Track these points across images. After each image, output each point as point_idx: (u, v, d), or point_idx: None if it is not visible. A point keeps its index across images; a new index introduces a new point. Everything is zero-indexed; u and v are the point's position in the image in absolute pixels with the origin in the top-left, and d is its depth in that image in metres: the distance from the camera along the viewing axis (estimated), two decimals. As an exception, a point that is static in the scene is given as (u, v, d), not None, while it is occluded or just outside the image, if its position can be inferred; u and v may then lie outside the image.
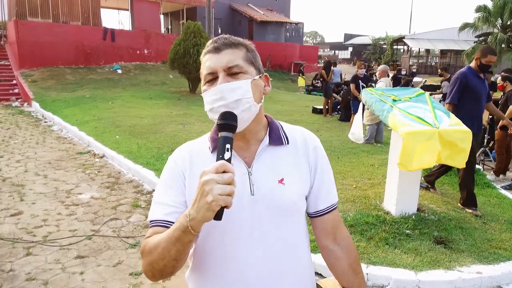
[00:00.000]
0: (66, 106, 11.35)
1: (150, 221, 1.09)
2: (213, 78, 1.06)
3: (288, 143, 1.15)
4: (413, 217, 3.87)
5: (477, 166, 5.71)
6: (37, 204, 4.60)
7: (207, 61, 1.07)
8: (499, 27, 21.18)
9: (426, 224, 3.76)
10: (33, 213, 4.32)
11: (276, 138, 1.14)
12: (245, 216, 1.06)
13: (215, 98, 1.03)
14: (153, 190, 5.10)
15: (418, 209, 4.05)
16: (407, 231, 3.62)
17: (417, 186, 4.04)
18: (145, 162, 5.85)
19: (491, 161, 6.80)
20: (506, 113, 5.95)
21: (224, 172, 0.86)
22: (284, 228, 1.11)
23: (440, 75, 11.13)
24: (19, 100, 13.54)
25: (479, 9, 20.93)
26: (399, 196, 3.90)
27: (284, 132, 1.17)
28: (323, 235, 1.21)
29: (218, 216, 0.88)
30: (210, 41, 1.11)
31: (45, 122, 10.35)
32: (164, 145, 6.83)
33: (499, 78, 6.79)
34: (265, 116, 1.19)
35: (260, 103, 1.11)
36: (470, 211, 4.16)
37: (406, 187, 3.90)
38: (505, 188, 5.36)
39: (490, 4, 20.91)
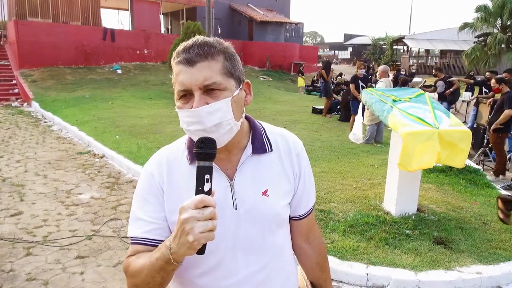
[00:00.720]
0: (66, 106, 11.35)
1: (130, 237, 1.05)
2: (187, 94, 0.96)
3: (271, 150, 1.10)
4: (413, 217, 3.88)
5: (476, 166, 5.72)
6: (37, 204, 4.60)
7: (180, 75, 0.96)
8: (499, 27, 21.18)
9: (426, 225, 3.77)
10: (33, 213, 4.32)
11: (259, 146, 1.08)
12: (228, 231, 1.02)
13: (191, 121, 0.95)
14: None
15: (418, 210, 4.05)
16: (407, 232, 3.63)
17: (417, 186, 4.05)
18: (145, 162, 5.83)
19: (491, 161, 6.80)
20: (501, 117, 6.00)
21: (204, 207, 0.82)
22: (269, 238, 1.08)
23: (435, 75, 11.21)
24: (19, 100, 13.54)
25: (478, 9, 20.93)
26: (399, 196, 3.90)
27: (267, 138, 1.11)
28: (298, 236, 1.22)
29: (201, 251, 0.86)
30: (181, 47, 0.98)
31: (45, 122, 10.35)
32: (164, 145, 6.72)
33: (493, 80, 6.82)
34: (246, 118, 1.11)
35: (241, 118, 1.03)
36: None
37: (406, 187, 3.91)
38: (504, 188, 5.37)
39: (489, 4, 20.91)
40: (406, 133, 3.44)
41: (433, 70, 11.79)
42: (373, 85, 8.58)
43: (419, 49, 36.46)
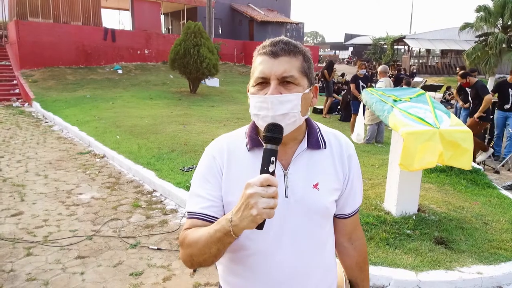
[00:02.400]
0: (67, 106, 11.36)
1: (188, 212, 1.13)
2: (264, 82, 1.05)
3: (325, 147, 1.17)
4: (414, 217, 3.87)
5: (477, 166, 5.72)
6: (37, 204, 4.60)
7: (262, 64, 1.06)
8: (500, 27, 21.14)
9: (427, 225, 3.76)
10: (34, 213, 4.33)
11: (314, 142, 1.15)
12: (278, 218, 1.06)
13: (263, 106, 1.04)
14: (154, 191, 5.11)
15: (418, 210, 4.05)
16: (408, 232, 3.62)
17: (418, 186, 4.04)
18: (146, 162, 5.85)
19: (492, 161, 6.79)
20: (482, 104, 6.49)
21: (268, 185, 0.88)
22: (314, 229, 1.14)
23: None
24: (20, 100, 13.55)
25: (479, 9, 20.87)
26: (399, 196, 3.89)
27: (321, 136, 1.18)
28: (342, 234, 1.28)
29: (261, 226, 0.92)
30: (268, 41, 1.09)
31: (46, 122, 10.36)
32: (165, 145, 6.83)
33: (459, 78, 7.29)
34: None
35: (306, 115, 1.11)
36: None
37: (406, 187, 3.90)
38: (505, 188, 5.36)
39: (490, 4, 20.86)
40: (407, 133, 3.43)
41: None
42: (373, 84, 8.57)
43: (420, 48, 36.42)
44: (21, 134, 8.64)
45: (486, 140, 6.92)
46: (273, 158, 0.94)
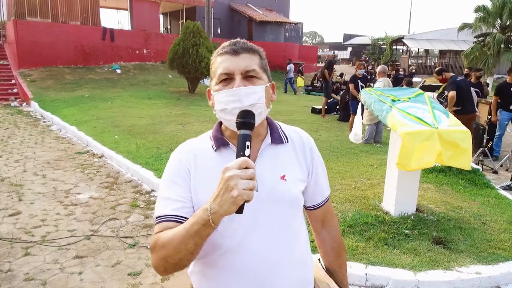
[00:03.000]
0: (65, 106, 11.34)
1: (158, 217, 1.11)
2: (228, 78, 1.10)
3: (287, 141, 1.22)
4: (412, 217, 3.87)
5: (476, 166, 5.72)
6: (35, 204, 4.59)
7: (224, 62, 1.11)
8: (498, 28, 21.18)
9: (425, 225, 3.76)
10: (32, 213, 4.31)
11: (277, 137, 1.21)
12: (249, 211, 1.06)
13: (231, 100, 1.08)
14: (152, 190, 5.10)
15: (417, 210, 4.05)
16: (406, 231, 3.62)
17: (416, 186, 4.05)
18: (144, 162, 5.85)
19: (490, 161, 6.81)
20: (448, 100, 6.67)
21: (246, 168, 0.91)
22: (286, 220, 1.17)
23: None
24: (18, 100, 13.52)
25: (478, 9, 20.93)
26: (398, 196, 3.90)
27: (283, 132, 1.24)
28: (315, 222, 1.36)
29: (240, 209, 0.92)
30: (227, 43, 1.15)
31: (44, 122, 10.34)
32: (163, 145, 6.82)
33: (435, 75, 7.45)
34: None
35: (269, 108, 1.17)
36: None
37: (405, 187, 3.90)
38: (504, 188, 5.37)
39: (489, 5, 20.91)
40: (405, 133, 3.43)
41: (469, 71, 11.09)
42: (371, 84, 8.57)
43: (418, 49, 36.47)
44: (19, 134, 8.62)
45: (485, 140, 6.92)
46: (248, 143, 0.97)
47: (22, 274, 3.09)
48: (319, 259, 1.43)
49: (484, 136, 6.98)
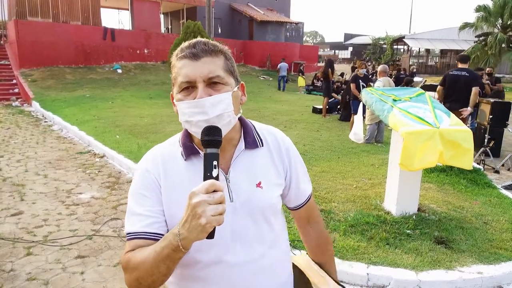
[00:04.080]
0: (66, 106, 11.35)
1: (128, 233, 1.05)
2: (190, 86, 1.01)
3: (262, 145, 1.16)
4: (414, 217, 3.87)
5: (477, 165, 5.72)
6: (37, 204, 4.60)
7: (184, 68, 1.01)
8: (499, 27, 21.16)
9: (427, 224, 3.76)
10: (34, 213, 4.32)
11: (251, 141, 1.13)
12: (226, 223, 1.00)
13: (195, 111, 0.99)
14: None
15: (418, 209, 4.05)
16: (408, 231, 3.62)
17: (418, 186, 4.04)
18: (146, 162, 5.84)
19: (492, 160, 6.80)
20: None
21: (214, 191, 0.85)
22: (263, 229, 1.13)
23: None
24: (19, 100, 13.54)
25: (479, 8, 20.92)
26: (399, 196, 3.90)
27: (257, 134, 1.17)
28: (299, 220, 1.34)
29: (211, 235, 0.88)
30: (186, 44, 1.04)
31: (45, 121, 10.35)
32: (164, 145, 6.82)
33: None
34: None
35: (238, 114, 1.09)
36: None
37: (406, 187, 3.90)
38: (505, 188, 5.36)
39: (490, 4, 20.89)
40: (407, 133, 3.43)
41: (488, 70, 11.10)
42: (372, 84, 8.57)
43: (419, 48, 36.47)
44: (21, 134, 8.63)
45: (486, 140, 6.91)
46: (215, 162, 0.90)
47: (24, 274, 3.10)
48: (307, 253, 1.40)
49: (486, 135, 6.97)
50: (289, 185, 1.21)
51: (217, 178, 0.89)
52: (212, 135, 0.94)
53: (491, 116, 7.03)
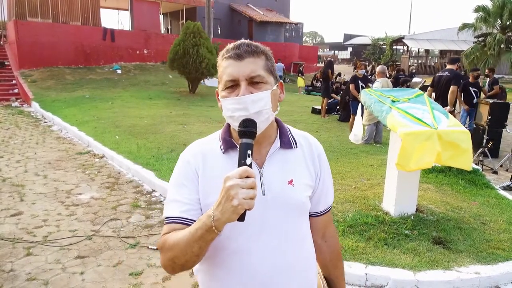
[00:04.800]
0: (66, 106, 11.36)
1: (166, 218, 1.14)
2: (234, 84, 1.10)
3: (296, 146, 1.22)
4: (412, 217, 3.89)
5: (475, 166, 5.74)
6: (37, 204, 4.61)
7: (229, 68, 1.10)
8: (498, 28, 21.19)
9: (425, 225, 3.78)
10: (33, 213, 4.33)
11: (286, 141, 1.21)
12: (256, 214, 1.08)
13: (237, 108, 1.08)
14: (153, 191, 5.12)
15: (417, 210, 4.06)
16: (406, 232, 3.64)
17: (416, 186, 4.06)
18: (145, 162, 5.86)
19: (490, 161, 6.82)
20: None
21: (247, 177, 0.92)
22: (292, 225, 1.18)
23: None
24: (19, 100, 13.55)
25: (478, 9, 20.93)
26: (398, 196, 3.91)
27: (292, 136, 1.24)
28: (315, 232, 1.32)
29: (242, 217, 0.95)
30: (231, 45, 1.13)
31: (45, 122, 10.36)
32: (164, 145, 6.84)
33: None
34: (275, 119, 1.24)
35: (276, 111, 1.17)
36: None
37: (405, 187, 3.92)
38: (503, 188, 5.38)
39: (489, 5, 20.91)
40: (405, 134, 3.45)
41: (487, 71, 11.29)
42: (370, 85, 8.58)
43: (418, 49, 36.48)
44: (20, 134, 8.64)
45: (484, 141, 6.93)
46: (249, 152, 0.98)
47: (24, 274, 3.11)
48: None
49: (484, 136, 6.98)
50: (316, 190, 1.26)
51: (250, 166, 0.96)
52: (248, 126, 1.03)
53: (489, 117, 7.05)
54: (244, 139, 1.01)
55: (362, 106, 5.78)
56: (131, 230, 3.97)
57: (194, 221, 1.07)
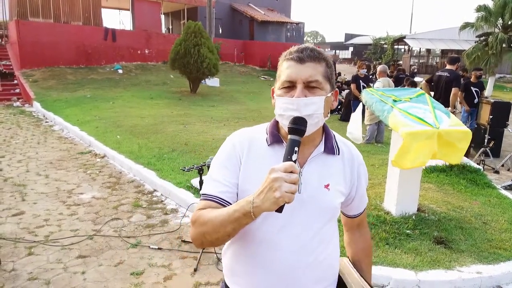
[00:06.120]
0: (67, 106, 11.37)
1: (203, 194, 1.19)
2: (290, 85, 1.13)
3: (338, 153, 1.26)
4: (413, 217, 3.88)
5: (477, 166, 5.73)
6: (38, 204, 4.62)
7: (289, 69, 1.13)
8: (500, 27, 21.13)
9: (426, 224, 3.77)
10: (35, 213, 4.34)
11: (330, 147, 1.24)
12: (289, 210, 1.10)
13: (289, 107, 1.11)
14: (154, 190, 5.12)
15: (418, 209, 4.06)
16: (407, 231, 3.64)
17: (418, 186, 4.06)
18: (146, 162, 5.87)
19: (491, 161, 6.81)
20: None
21: (291, 172, 0.95)
22: (320, 226, 1.21)
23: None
24: (20, 100, 13.56)
25: (479, 8, 20.86)
26: (399, 196, 3.91)
27: (336, 143, 1.28)
28: (351, 227, 1.46)
29: (280, 209, 0.98)
30: (295, 48, 1.16)
31: (46, 122, 10.37)
32: (165, 145, 6.84)
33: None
34: None
35: (327, 117, 1.20)
36: None
37: (406, 187, 3.92)
38: (505, 188, 5.37)
39: (491, 4, 20.85)
40: (407, 133, 3.44)
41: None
42: (371, 84, 8.58)
43: (420, 48, 36.38)
44: (22, 134, 8.65)
45: (486, 140, 6.92)
46: (296, 148, 1.02)
47: (26, 274, 3.12)
48: (348, 258, 1.48)
49: (485, 135, 6.97)
50: (354, 198, 1.32)
51: (295, 162, 1.00)
52: (298, 124, 1.07)
53: (491, 116, 7.04)
54: (292, 136, 1.05)
55: (363, 105, 5.77)
56: (132, 230, 3.98)
57: (229, 203, 1.13)
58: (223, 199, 1.15)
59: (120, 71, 17.52)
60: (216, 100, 13.57)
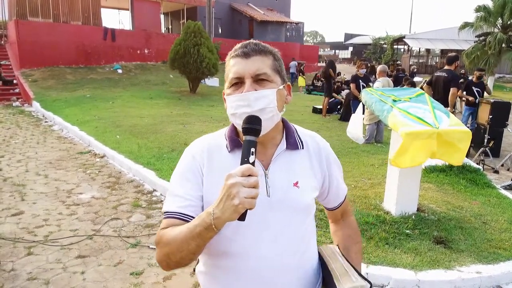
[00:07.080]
0: (67, 106, 11.36)
1: (165, 212, 1.12)
2: (239, 82, 1.09)
3: (303, 147, 1.21)
4: (413, 217, 3.88)
5: (477, 166, 5.73)
6: (38, 204, 4.61)
7: (235, 66, 1.09)
8: (499, 27, 21.15)
9: (426, 224, 3.77)
10: (34, 213, 4.34)
11: (293, 142, 1.19)
12: (260, 216, 1.08)
13: (240, 104, 1.06)
14: (154, 190, 5.12)
15: (418, 209, 4.06)
16: (407, 231, 3.63)
17: (417, 186, 4.06)
18: (146, 162, 5.86)
19: (491, 161, 6.81)
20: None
21: (249, 175, 0.90)
22: (295, 227, 1.16)
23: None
24: (20, 100, 13.54)
25: (478, 9, 20.89)
26: (399, 196, 3.91)
27: (299, 137, 1.22)
28: (335, 218, 1.44)
29: (242, 217, 0.92)
30: (239, 45, 1.13)
31: (46, 122, 10.36)
32: (165, 145, 6.83)
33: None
34: (281, 120, 1.22)
35: (282, 111, 1.15)
36: None
37: (406, 187, 3.92)
38: (505, 188, 5.37)
39: (490, 4, 20.87)
40: (406, 133, 3.44)
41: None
42: (371, 84, 8.58)
43: (419, 48, 36.41)
44: (21, 134, 8.64)
45: (486, 140, 6.92)
46: (252, 149, 0.97)
47: (25, 274, 3.11)
48: (337, 246, 1.40)
49: (485, 135, 6.98)
50: (328, 189, 1.28)
51: (253, 164, 0.94)
52: (252, 123, 1.01)
53: (490, 116, 7.04)
54: (247, 137, 0.99)
55: (363, 105, 5.77)
56: (132, 230, 3.97)
57: (194, 217, 1.04)
58: (186, 215, 1.08)
59: (120, 71, 17.50)
60: (216, 100, 13.55)
